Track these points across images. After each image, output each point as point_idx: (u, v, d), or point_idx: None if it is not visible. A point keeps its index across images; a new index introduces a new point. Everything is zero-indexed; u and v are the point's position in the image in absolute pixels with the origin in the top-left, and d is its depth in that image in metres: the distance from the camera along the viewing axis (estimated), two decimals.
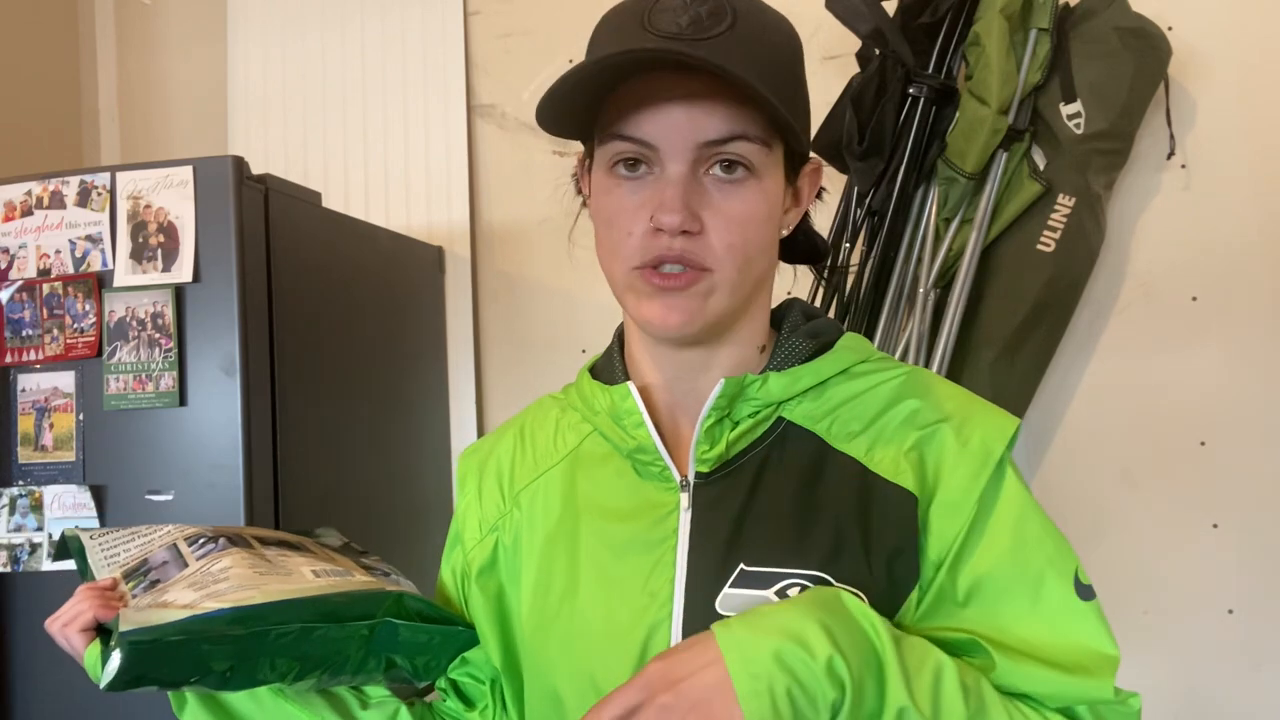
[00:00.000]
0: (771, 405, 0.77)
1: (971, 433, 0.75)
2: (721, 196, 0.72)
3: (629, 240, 0.73)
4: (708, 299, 0.73)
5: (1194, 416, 2.01)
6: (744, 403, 0.76)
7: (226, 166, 1.67)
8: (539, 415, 0.90)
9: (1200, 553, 1.99)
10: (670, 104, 0.70)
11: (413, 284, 2.30)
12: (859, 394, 0.78)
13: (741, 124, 0.70)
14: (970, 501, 0.73)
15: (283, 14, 2.51)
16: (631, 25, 0.71)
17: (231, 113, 2.53)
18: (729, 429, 0.76)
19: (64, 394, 1.70)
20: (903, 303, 1.98)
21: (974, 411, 0.77)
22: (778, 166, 0.74)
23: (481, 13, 2.42)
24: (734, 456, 0.77)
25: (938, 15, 1.88)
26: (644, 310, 0.74)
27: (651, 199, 0.71)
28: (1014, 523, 0.74)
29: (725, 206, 0.72)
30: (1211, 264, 2.00)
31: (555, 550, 0.82)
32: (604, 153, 0.74)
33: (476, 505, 0.88)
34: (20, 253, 1.74)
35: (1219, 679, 1.99)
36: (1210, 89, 2.00)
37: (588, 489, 0.82)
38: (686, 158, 0.71)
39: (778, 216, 0.76)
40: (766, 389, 0.76)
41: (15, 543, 1.70)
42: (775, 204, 0.75)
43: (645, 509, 0.78)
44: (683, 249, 0.71)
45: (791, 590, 0.72)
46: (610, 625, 0.77)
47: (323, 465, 1.87)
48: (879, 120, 1.88)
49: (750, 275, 0.74)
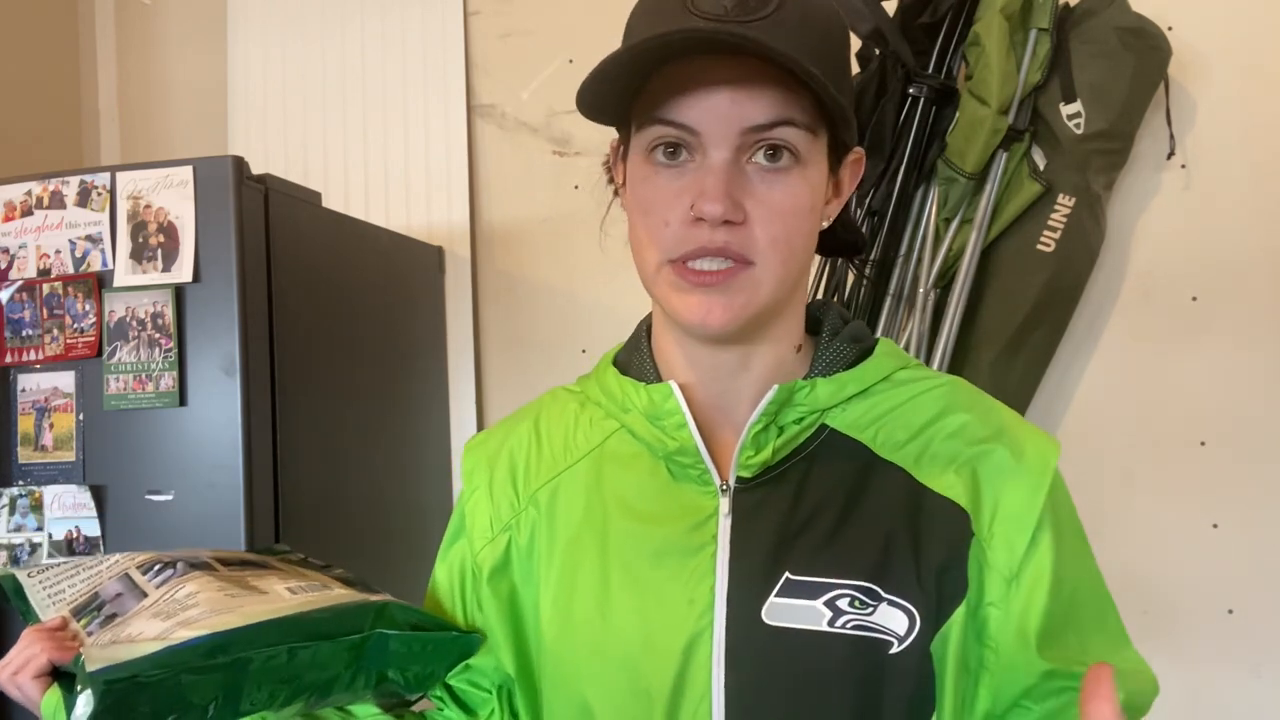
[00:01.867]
0: (817, 412, 0.74)
1: (1024, 447, 0.75)
2: (765, 185, 0.68)
3: (666, 230, 0.69)
4: (750, 295, 0.69)
5: (1194, 416, 2.01)
6: (791, 409, 0.74)
7: (226, 166, 1.67)
8: (555, 409, 0.85)
9: (1200, 553, 1.99)
10: (714, 87, 0.67)
11: (413, 284, 2.30)
12: (904, 402, 0.76)
13: (789, 109, 0.67)
14: (1034, 512, 0.72)
15: (283, 14, 2.51)
16: (672, 7, 0.68)
17: (231, 113, 2.53)
18: (775, 435, 0.74)
19: (64, 394, 1.70)
20: (903, 303, 1.98)
21: (1020, 427, 0.77)
22: (822, 155, 0.71)
23: (481, 13, 2.41)
24: (777, 463, 0.74)
25: (938, 15, 1.88)
26: (681, 306, 0.70)
27: (692, 186, 0.68)
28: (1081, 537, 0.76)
29: (769, 196, 0.68)
30: (1211, 264, 2.00)
31: (581, 553, 0.78)
32: (642, 138, 0.70)
33: (487, 502, 0.83)
34: (20, 253, 1.74)
35: (1219, 679, 1.99)
36: (1210, 89, 2.00)
37: (616, 489, 0.78)
38: (730, 144, 0.67)
39: (820, 208, 0.72)
40: (814, 396, 0.74)
41: (15, 543, 1.70)
42: (819, 194, 0.71)
43: (681, 513, 0.75)
44: (725, 241, 0.68)
45: (841, 601, 0.70)
46: (647, 634, 0.74)
47: (322, 465, 1.87)
48: (879, 120, 1.88)
49: (793, 269, 0.71)
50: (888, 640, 0.70)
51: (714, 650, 0.71)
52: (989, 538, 0.72)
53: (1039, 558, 0.72)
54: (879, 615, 0.70)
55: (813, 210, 0.71)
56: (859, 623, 0.70)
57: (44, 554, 1.68)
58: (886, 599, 0.70)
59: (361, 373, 2.05)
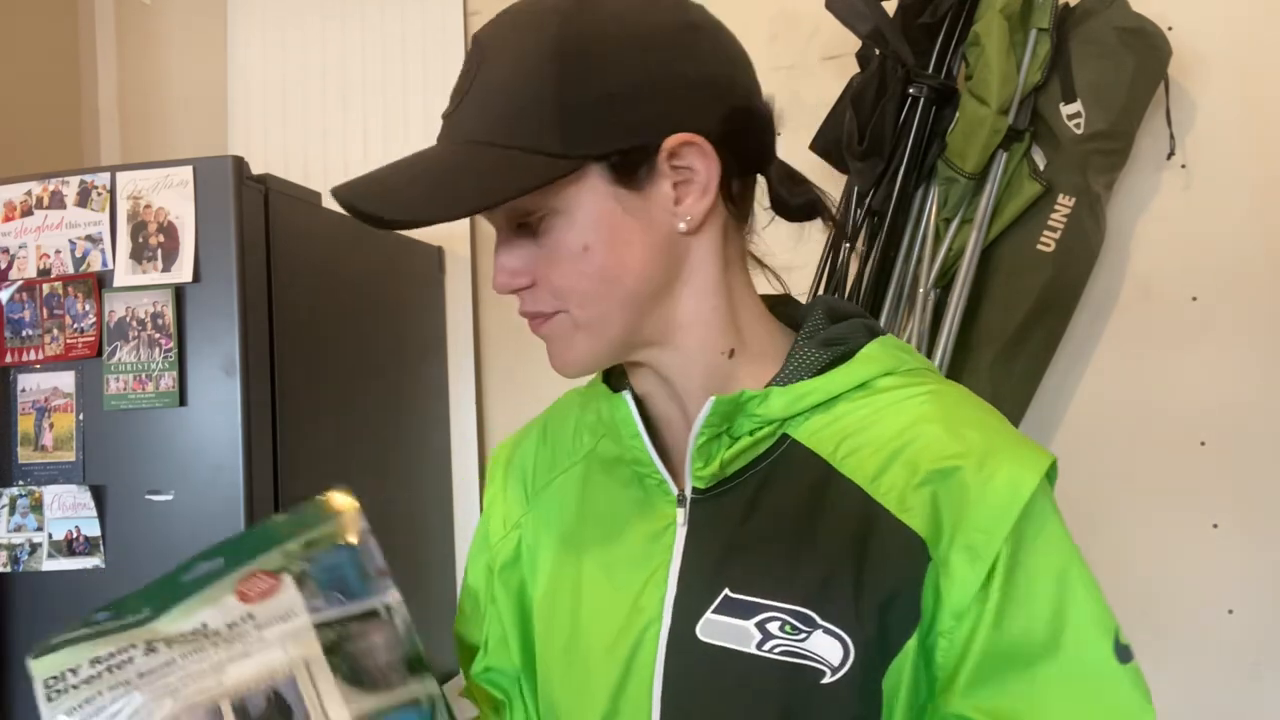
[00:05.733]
0: (774, 422, 0.71)
1: (996, 469, 0.66)
2: (538, 245, 0.69)
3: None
4: (574, 334, 0.70)
5: (1194, 416, 2.01)
6: (744, 418, 0.71)
7: (226, 166, 1.67)
8: (561, 412, 0.87)
9: (1200, 553, 1.99)
10: None
11: (413, 284, 2.30)
12: (874, 413, 0.70)
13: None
14: (993, 546, 0.65)
15: (283, 14, 2.51)
16: None
17: (231, 113, 2.53)
18: (725, 446, 0.71)
19: (64, 394, 1.70)
20: (903, 303, 1.98)
21: (1000, 445, 0.68)
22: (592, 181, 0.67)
23: (481, 13, 2.41)
24: (733, 474, 0.72)
25: (938, 15, 1.88)
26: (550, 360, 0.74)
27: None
28: (1055, 573, 0.66)
29: (541, 253, 0.69)
30: (1211, 264, 2.00)
31: (565, 556, 0.79)
32: None
33: (501, 501, 0.87)
34: (20, 253, 1.74)
35: (1219, 679, 1.99)
36: (1210, 89, 2.00)
37: (595, 495, 0.79)
38: (499, 226, 0.71)
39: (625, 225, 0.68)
40: (767, 406, 0.70)
41: (15, 543, 1.70)
42: (601, 224, 0.68)
43: (647, 521, 0.75)
44: (527, 304, 0.71)
45: (771, 624, 0.68)
46: (603, 639, 0.75)
47: (322, 465, 1.87)
48: (879, 120, 1.88)
49: (620, 294, 0.69)
50: (819, 669, 0.67)
51: (656, 660, 0.72)
52: (944, 566, 0.66)
53: (991, 594, 0.65)
54: (811, 643, 0.67)
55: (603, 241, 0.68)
56: (788, 648, 0.68)
57: (44, 554, 1.68)
58: (821, 626, 0.67)
59: (361, 373, 2.05)
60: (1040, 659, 0.65)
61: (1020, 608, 0.65)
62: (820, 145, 2.02)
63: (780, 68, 2.21)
